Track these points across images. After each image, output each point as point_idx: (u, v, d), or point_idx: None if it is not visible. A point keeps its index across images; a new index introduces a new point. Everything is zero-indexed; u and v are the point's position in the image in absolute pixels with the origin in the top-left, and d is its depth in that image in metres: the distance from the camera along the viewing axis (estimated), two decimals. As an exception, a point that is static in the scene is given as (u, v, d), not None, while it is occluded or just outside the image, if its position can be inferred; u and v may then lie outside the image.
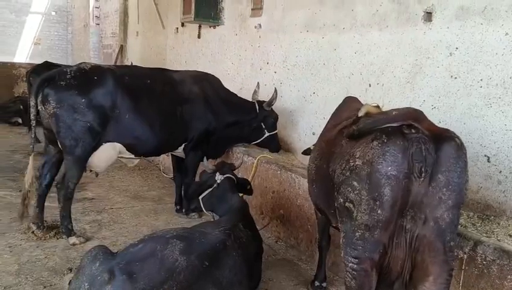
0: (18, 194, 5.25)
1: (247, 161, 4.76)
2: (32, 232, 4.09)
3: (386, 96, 4.15)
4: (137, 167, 6.54)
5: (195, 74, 4.89)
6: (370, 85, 4.29)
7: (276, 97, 5.04)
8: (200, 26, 7.40)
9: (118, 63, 11.23)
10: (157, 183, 6.15)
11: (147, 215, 4.86)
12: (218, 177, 3.66)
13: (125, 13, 11.34)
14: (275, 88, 5.12)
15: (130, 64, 9.16)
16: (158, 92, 4.30)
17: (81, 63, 4.17)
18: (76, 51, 16.84)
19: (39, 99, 3.87)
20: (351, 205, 2.13)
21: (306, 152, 3.79)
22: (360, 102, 3.28)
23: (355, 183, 2.10)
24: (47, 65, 7.91)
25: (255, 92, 5.13)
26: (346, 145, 2.32)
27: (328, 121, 3.27)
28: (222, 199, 3.61)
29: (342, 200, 2.20)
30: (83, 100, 3.86)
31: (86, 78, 3.97)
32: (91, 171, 4.29)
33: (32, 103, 3.86)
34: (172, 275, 2.33)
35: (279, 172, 4.36)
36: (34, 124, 3.91)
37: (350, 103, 3.31)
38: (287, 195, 4.24)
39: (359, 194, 2.08)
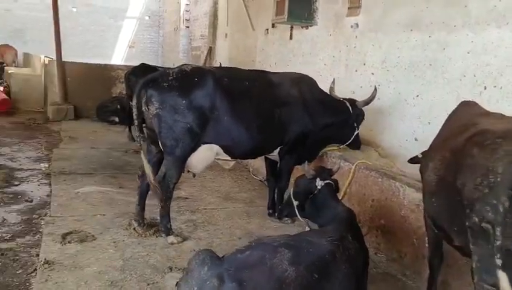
0: (119, 190, 5.55)
1: (344, 166, 4.56)
2: (134, 229, 4.24)
3: (504, 99, 3.75)
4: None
5: (293, 75, 4.79)
6: (485, 88, 3.91)
7: (375, 96, 4.79)
8: (291, 27, 7.31)
9: (206, 64, 11.50)
10: (247, 185, 6.15)
11: (240, 218, 4.85)
12: (319, 183, 3.51)
13: (214, 16, 11.59)
14: (375, 87, 4.87)
15: (218, 65, 9.30)
16: (257, 94, 4.25)
17: (182, 65, 4.25)
18: (167, 52, 17.60)
19: (143, 100, 3.99)
20: (489, 226, 1.88)
21: (413, 160, 3.52)
22: (480, 107, 2.96)
23: (495, 202, 1.85)
24: (143, 67, 8.28)
25: (332, 88, 4.94)
26: (479, 156, 2.06)
27: (443, 128, 2.99)
28: (323, 206, 3.45)
29: (476, 220, 1.95)
30: (184, 101, 3.91)
31: (186, 79, 4.03)
32: (189, 171, 4.35)
33: (134, 103, 3.99)
34: (281, 286, 2.22)
35: (380, 179, 4.12)
36: (136, 124, 4.02)
37: (469, 107, 3.00)
38: (389, 204, 3.99)
39: (501, 214, 1.82)
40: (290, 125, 4.39)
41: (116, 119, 10.12)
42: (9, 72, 11.86)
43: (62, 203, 4.93)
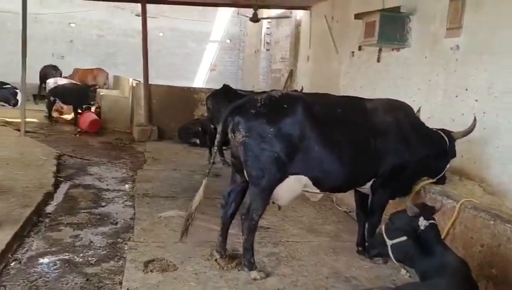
0: (200, 216, 5.40)
1: (446, 203, 4.07)
2: (215, 260, 4.07)
3: None
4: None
5: (389, 102, 4.42)
6: None
7: (474, 127, 4.29)
8: (380, 49, 6.94)
9: (287, 88, 11.37)
10: (331, 216, 5.79)
11: (326, 254, 4.50)
12: (422, 223, 3.09)
13: (296, 38, 11.48)
14: (475, 117, 4.36)
15: (300, 89, 9.10)
16: (350, 122, 3.95)
17: (271, 91, 4.09)
18: (246, 75, 17.81)
19: (229, 127, 3.85)
20: None
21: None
22: None
23: None
24: (225, 89, 8.30)
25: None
26: None
27: None
28: (426, 251, 3.04)
29: None
30: (271, 129, 3.71)
31: (275, 106, 3.83)
32: (273, 203, 4.12)
33: (219, 129, 3.85)
34: None
35: (492, 222, 3.59)
36: (216, 150, 3.88)
37: None
38: (502, 252, 3.45)
39: None
40: (386, 156, 4.02)
41: (197, 141, 10.24)
42: (100, 93, 12.57)
43: (145, 228, 4.91)
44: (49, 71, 15.32)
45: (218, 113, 8.09)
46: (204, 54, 18.89)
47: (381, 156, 4.03)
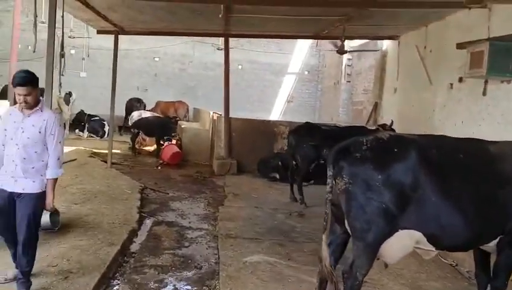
0: (288, 263, 5.03)
1: None
2: (312, 320, 3.63)
3: None
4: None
5: (519, 146, 3.78)
6: None
7: None
8: (486, 81, 6.23)
9: (371, 121, 10.79)
10: (436, 270, 5.10)
11: (438, 320, 3.89)
12: None
13: (382, 69, 10.92)
14: None
15: (390, 123, 8.51)
16: (472, 169, 3.38)
17: (378, 132, 3.67)
18: (325, 107, 17.40)
19: (331, 172, 3.45)
20: None
21: None
22: None
23: None
24: (308, 126, 7.97)
25: None
26: None
27: None
28: None
29: None
30: (379, 176, 3.25)
31: (383, 149, 3.38)
32: (378, 259, 3.61)
33: (329, 173, 3.45)
34: None
35: None
36: (329, 198, 3.45)
37: None
38: None
39: None
40: (515, 209, 3.38)
41: (277, 176, 9.93)
42: (182, 126, 12.77)
43: (231, 275, 4.58)
44: (134, 104, 15.99)
45: (301, 149, 7.76)
46: (282, 85, 18.82)
47: (509, 209, 3.40)
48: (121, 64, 16.41)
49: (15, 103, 9.97)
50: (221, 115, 11.33)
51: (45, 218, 5.18)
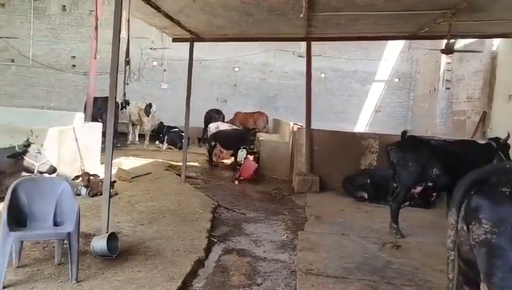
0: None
1: None
2: None
3: None
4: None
5: None
6: None
7: None
8: None
9: (478, 134, 9.20)
10: None
11: None
12: None
13: (491, 73, 9.31)
14: None
15: (507, 135, 6.97)
16: None
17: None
18: (418, 118, 15.74)
19: (460, 212, 2.36)
20: None
21: None
22: None
23: None
24: (413, 140, 6.69)
25: None
26: None
27: None
28: None
29: None
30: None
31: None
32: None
33: (453, 217, 2.37)
34: None
35: None
36: (451, 258, 2.37)
37: None
38: None
39: None
40: None
41: (365, 195, 8.74)
42: (260, 138, 12.02)
43: (312, 332, 3.60)
44: (212, 115, 15.61)
45: (403, 168, 6.51)
46: (369, 94, 17.44)
47: None
48: (201, 74, 16.30)
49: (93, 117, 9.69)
50: (302, 126, 10.39)
51: (102, 244, 4.62)
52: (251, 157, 10.68)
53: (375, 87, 17.39)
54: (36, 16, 17.09)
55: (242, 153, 10.65)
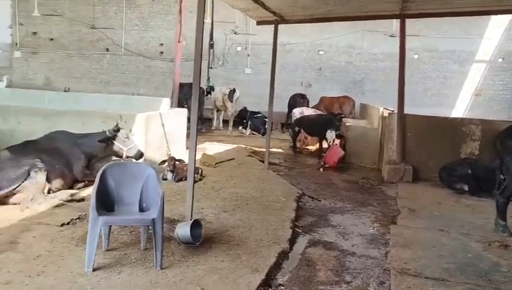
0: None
1: None
2: None
3: None
4: None
5: None
6: None
7: None
8: None
9: None
10: None
11: None
12: None
13: None
14: None
15: None
16: None
17: None
18: (526, 101, 14.09)
19: None
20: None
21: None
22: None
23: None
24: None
25: None
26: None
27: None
28: None
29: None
30: None
31: None
32: None
33: None
34: None
35: None
36: None
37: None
38: None
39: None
40: None
41: (465, 187, 7.90)
42: (346, 124, 11.46)
43: None
44: (297, 100, 15.22)
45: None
46: (468, 76, 15.91)
47: None
48: (285, 59, 15.94)
49: (179, 103, 9.85)
50: (393, 111, 9.67)
51: (186, 231, 4.55)
52: (338, 143, 10.19)
53: (475, 68, 15.81)
54: (128, 6, 17.82)
55: (331, 134, 10.10)
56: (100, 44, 18.19)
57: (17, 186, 5.25)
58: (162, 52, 17.77)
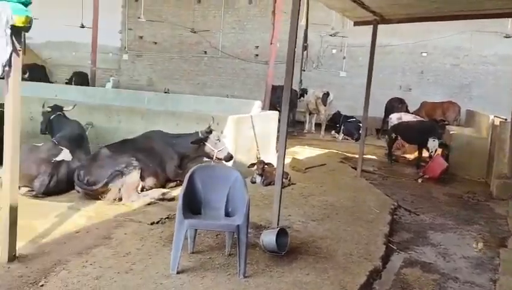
0: None
1: None
2: None
3: None
4: None
5: None
6: None
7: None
8: None
9: None
10: None
11: None
12: None
13: None
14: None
15: None
16: None
17: None
18: None
19: None
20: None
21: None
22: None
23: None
24: None
25: None
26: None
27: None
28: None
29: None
30: None
31: None
32: None
33: None
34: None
35: None
36: None
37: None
38: None
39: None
40: None
41: None
42: (450, 132, 10.54)
43: None
44: (394, 105, 14.38)
45: None
46: None
47: None
48: (383, 61, 15.12)
49: (272, 106, 9.76)
50: (506, 120, 8.67)
51: (272, 239, 4.38)
52: (440, 152, 9.39)
53: None
54: (226, 10, 18.28)
55: (434, 144, 9.32)
56: (199, 47, 18.87)
57: (112, 183, 5.49)
58: (257, 55, 17.94)
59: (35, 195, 5.48)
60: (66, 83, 16.86)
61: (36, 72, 16.68)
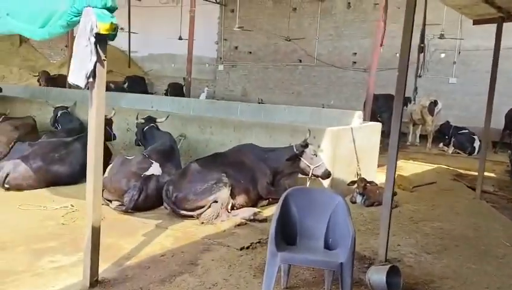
0: None
1: None
2: None
3: None
4: None
5: None
6: None
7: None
8: None
9: None
10: None
11: None
12: None
13: None
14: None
15: None
16: None
17: None
18: None
19: None
20: None
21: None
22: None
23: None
24: None
25: None
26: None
27: None
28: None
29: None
30: None
31: None
32: None
33: None
34: None
35: None
36: None
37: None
38: None
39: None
40: None
41: None
42: None
43: None
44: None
45: None
46: None
47: None
48: (503, 65, 13.08)
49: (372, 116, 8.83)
50: None
51: (381, 278, 3.66)
52: None
53: None
54: (322, 16, 17.63)
55: None
56: (294, 55, 18.43)
57: (202, 200, 5.13)
58: (354, 62, 17.01)
59: (124, 210, 5.30)
60: (164, 94, 17.38)
61: (135, 84, 17.42)
